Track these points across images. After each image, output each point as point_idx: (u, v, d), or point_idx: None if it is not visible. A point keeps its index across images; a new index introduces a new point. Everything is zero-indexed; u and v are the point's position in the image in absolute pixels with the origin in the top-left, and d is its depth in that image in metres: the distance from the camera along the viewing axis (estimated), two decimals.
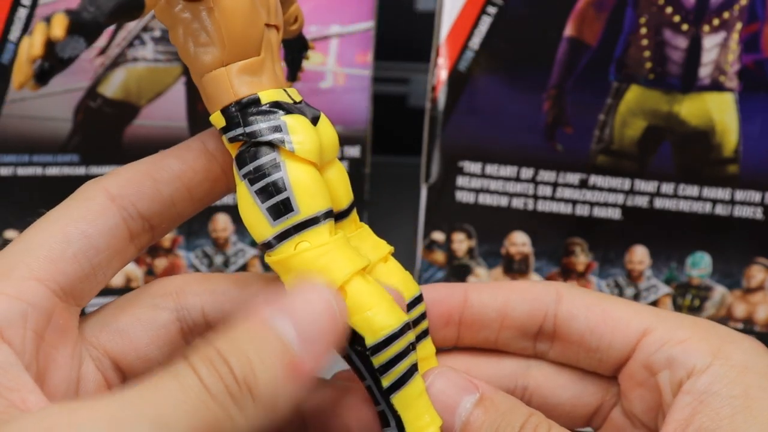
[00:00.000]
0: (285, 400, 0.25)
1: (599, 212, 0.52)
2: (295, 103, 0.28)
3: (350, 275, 0.27)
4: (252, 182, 0.27)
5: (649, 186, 0.51)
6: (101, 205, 0.28)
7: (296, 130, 0.27)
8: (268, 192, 0.27)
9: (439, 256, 0.55)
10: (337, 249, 0.27)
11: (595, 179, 0.51)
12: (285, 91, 0.28)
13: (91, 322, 0.30)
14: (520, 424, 0.28)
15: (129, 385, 0.24)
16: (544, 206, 0.52)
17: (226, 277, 0.31)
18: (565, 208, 0.52)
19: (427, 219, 0.54)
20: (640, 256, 0.53)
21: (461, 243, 0.54)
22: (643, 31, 0.48)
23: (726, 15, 0.48)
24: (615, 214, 0.52)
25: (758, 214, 0.51)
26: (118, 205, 0.29)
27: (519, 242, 0.53)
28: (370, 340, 0.27)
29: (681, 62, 0.49)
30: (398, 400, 0.28)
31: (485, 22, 0.49)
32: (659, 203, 0.51)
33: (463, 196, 0.53)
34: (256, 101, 0.27)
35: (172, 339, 0.30)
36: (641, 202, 0.51)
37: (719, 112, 0.49)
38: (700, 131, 0.50)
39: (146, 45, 0.49)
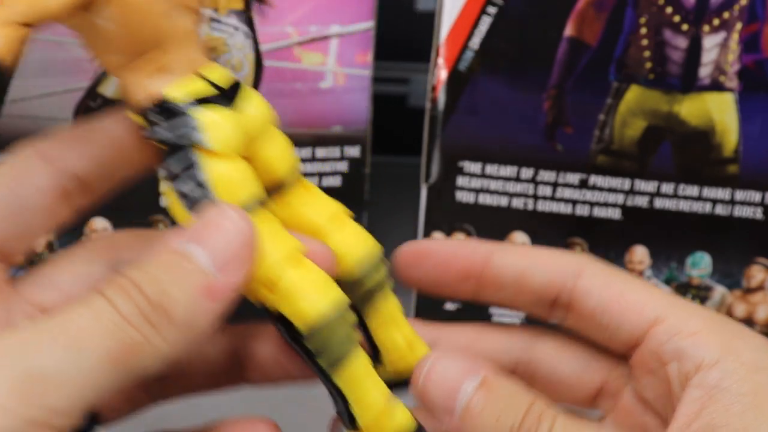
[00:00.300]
0: (203, 321, 0.25)
1: (599, 212, 0.52)
2: (213, 85, 0.27)
3: (280, 263, 0.27)
4: (171, 180, 0.27)
5: (649, 186, 0.51)
6: (31, 164, 0.28)
7: (210, 124, 0.27)
8: (189, 194, 0.27)
9: None
10: (267, 235, 0.27)
11: (595, 179, 0.51)
12: (202, 76, 0.28)
13: (25, 280, 0.29)
14: (523, 412, 0.28)
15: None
16: (544, 206, 0.52)
17: (161, 233, 0.31)
18: (565, 208, 0.52)
19: (427, 219, 0.54)
20: (640, 256, 0.53)
21: None
22: (643, 31, 0.48)
23: (726, 15, 0.48)
24: (615, 214, 0.52)
25: (758, 214, 0.51)
26: (50, 163, 0.28)
27: (519, 242, 0.53)
28: (303, 330, 0.27)
29: (681, 62, 0.49)
30: (341, 379, 0.28)
31: (485, 22, 0.49)
32: (659, 203, 0.51)
33: (463, 196, 0.53)
34: (165, 101, 0.27)
35: None
36: (641, 202, 0.51)
37: (719, 112, 0.49)
38: (700, 131, 0.50)
39: None
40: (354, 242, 0.30)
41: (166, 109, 0.27)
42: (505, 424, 0.28)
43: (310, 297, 0.27)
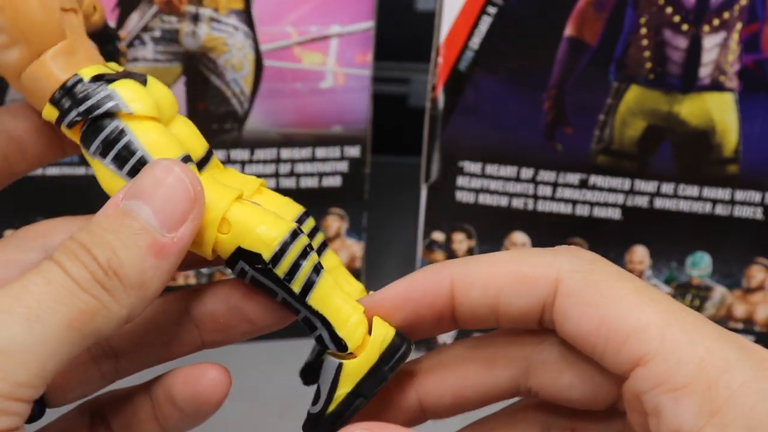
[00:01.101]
0: (154, 280, 0.25)
1: (599, 212, 0.52)
2: (118, 73, 0.29)
3: (228, 204, 0.27)
4: (104, 155, 0.27)
5: (649, 186, 0.51)
6: None
7: (127, 93, 0.28)
8: (122, 158, 0.27)
9: (439, 256, 0.55)
10: (207, 187, 0.27)
11: (595, 179, 0.51)
12: (105, 65, 0.29)
13: None
14: None
15: None
16: (544, 206, 0.52)
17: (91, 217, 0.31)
18: (565, 208, 0.52)
19: (427, 219, 0.54)
20: (640, 256, 0.53)
21: (461, 243, 0.54)
22: (643, 31, 0.48)
23: (726, 15, 0.48)
24: (615, 214, 0.52)
25: (758, 214, 0.51)
26: None
27: (519, 242, 0.53)
28: (266, 254, 0.27)
29: (681, 62, 0.49)
30: (315, 300, 0.28)
31: (485, 22, 0.49)
32: (659, 203, 0.51)
33: (463, 196, 0.53)
34: (79, 80, 0.28)
35: None
36: (641, 202, 0.51)
37: (719, 112, 0.49)
38: (700, 131, 0.50)
39: (146, 45, 0.49)
40: (281, 204, 0.30)
41: (84, 86, 0.28)
42: None
43: (266, 223, 0.27)
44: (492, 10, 0.49)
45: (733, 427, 0.23)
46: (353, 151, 0.54)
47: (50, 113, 0.28)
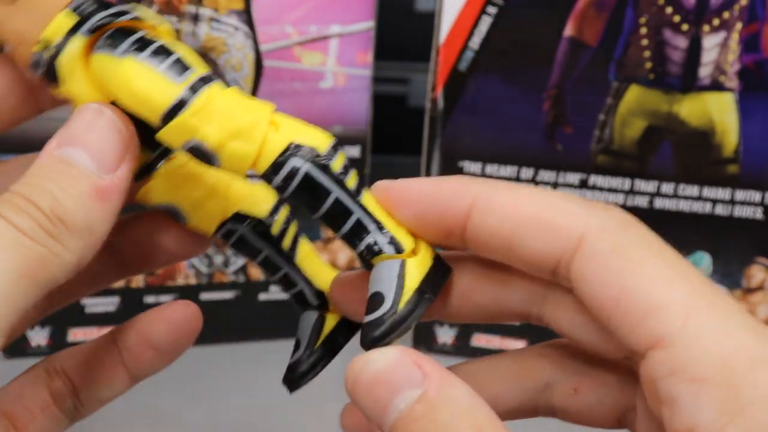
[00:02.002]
0: (100, 223, 0.25)
1: None
2: None
3: (272, 108, 0.27)
4: (140, 50, 0.26)
5: (649, 186, 0.51)
6: None
7: (148, 12, 0.27)
8: (163, 53, 0.26)
9: None
10: (245, 98, 0.27)
11: (595, 179, 0.51)
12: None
13: None
14: None
15: None
16: None
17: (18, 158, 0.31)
18: None
19: None
20: None
21: None
22: (643, 31, 0.48)
23: (726, 15, 0.48)
24: None
25: (758, 214, 0.51)
26: None
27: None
28: (323, 147, 0.26)
29: (681, 62, 0.49)
30: (366, 200, 0.27)
31: (485, 22, 0.49)
32: (659, 203, 0.51)
33: None
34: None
35: None
36: (641, 202, 0.51)
37: (719, 112, 0.49)
38: (700, 131, 0.50)
39: None
40: (256, 188, 0.30)
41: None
42: None
43: (314, 126, 0.27)
44: (492, 10, 0.49)
45: (760, 418, 0.21)
46: (353, 151, 0.54)
47: (63, 23, 0.27)
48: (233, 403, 0.53)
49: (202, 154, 0.26)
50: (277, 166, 0.26)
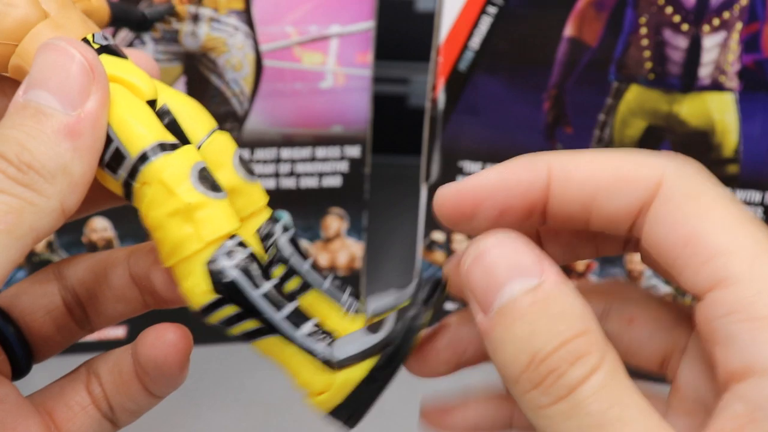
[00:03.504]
0: (76, 162, 0.24)
1: None
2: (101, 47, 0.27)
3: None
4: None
5: None
6: None
7: (132, 70, 0.27)
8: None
9: (439, 256, 0.55)
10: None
11: None
12: (86, 40, 0.27)
13: None
14: (563, 338, 0.23)
15: None
16: None
17: None
18: None
19: (427, 219, 0.54)
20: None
21: (461, 243, 0.54)
22: (643, 31, 0.48)
23: (726, 15, 0.48)
24: None
25: (758, 214, 0.51)
26: None
27: None
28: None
29: (681, 62, 0.49)
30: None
31: (485, 22, 0.49)
32: None
33: None
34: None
35: None
36: None
37: (719, 112, 0.49)
38: (700, 131, 0.50)
39: (146, 45, 0.49)
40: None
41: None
42: (534, 345, 0.23)
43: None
44: (492, 10, 0.49)
45: None
46: (353, 151, 0.54)
47: None
48: (232, 403, 0.53)
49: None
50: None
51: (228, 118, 0.52)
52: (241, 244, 0.26)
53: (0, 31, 0.26)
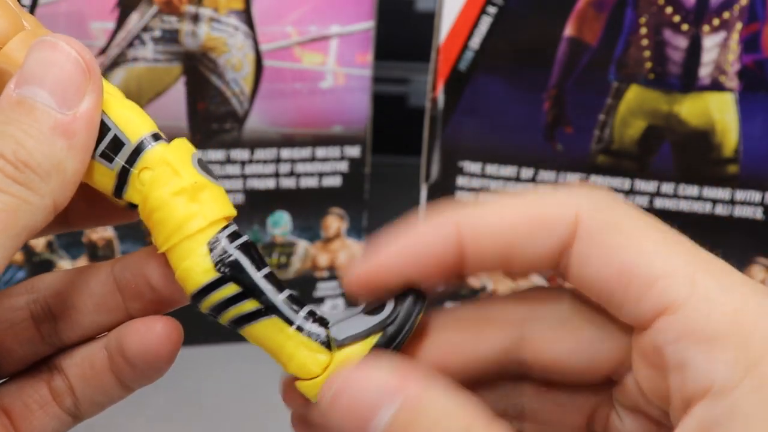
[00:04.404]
0: (69, 161, 0.24)
1: None
2: None
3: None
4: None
5: (649, 186, 0.51)
6: None
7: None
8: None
9: None
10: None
11: (595, 179, 0.51)
12: None
13: None
14: None
15: None
16: None
17: None
18: None
19: None
20: None
21: None
22: (643, 31, 0.48)
23: (726, 15, 0.48)
24: None
25: (758, 214, 0.51)
26: None
27: None
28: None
29: (681, 62, 0.49)
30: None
31: (485, 22, 0.49)
32: (659, 203, 0.51)
33: (463, 196, 0.53)
34: None
35: None
36: (641, 202, 0.51)
37: (719, 112, 0.49)
38: (700, 131, 0.50)
39: (146, 45, 0.49)
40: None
41: None
42: None
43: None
44: (492, 10, 0.49)
45: None
46: (353, 151, 0.54)
47: None
48: (231, 403, 0.53)
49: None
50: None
51: (228, 118, 0.52)
52: (238, 232, 0.26)
53: None
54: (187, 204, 0.26)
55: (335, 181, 0.55)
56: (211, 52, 0.50)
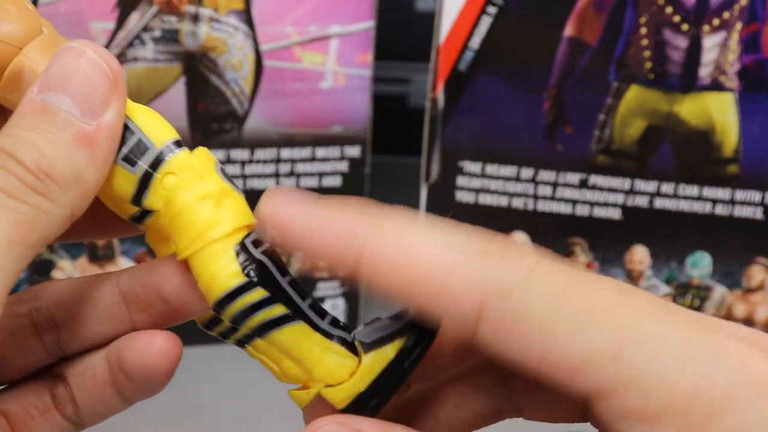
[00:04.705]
0: (90, 172, 0.24)
1: (599, 212, 0.52)
2: None
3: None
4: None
5: (649, 186, 0.51)
6: None
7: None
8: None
9: None
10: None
11: (595, 179, 0.51)
12: None
13: None
14: None
15: None
16: (544, 206, 0.52)
17: None
18: (565, 208, 0.52)
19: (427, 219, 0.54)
20: (640, 255, 0.53)
21: None
22: (643, 31, 0.48)
23: (726, 15, 0.48)
24: (615, 214, 0.52)
25: (758, 214, 0.51)
26: None
27: (519, 242, 0.53)
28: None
29: (681, 62, 0.49)
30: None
31: (485, 22, 0.49)
32: (659, 203, 0.51)
33: (463, 196, 0.53)
34: None
35: None
36: (641, 202, 0.51)
37: (719, 112, 0.49)
38: (700, 131, 0.50)
39: (146, 45, 0.49)
40: None
41: None
42: None
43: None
44: (492, 10, 0.49)
45: None
46: (353, 151, 0.54)
47: None
48: (231, 403, 0.53)
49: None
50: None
51: (228, 118, 0.52)
52: (260, 240, 0.26)
53: (9, 33, 0.26)
54: (213, 209, 0.26)
55: (335, 181, 0.55)
56: (211, 52, 0.50)
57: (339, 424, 0.24)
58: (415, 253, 0.23)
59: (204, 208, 0.26)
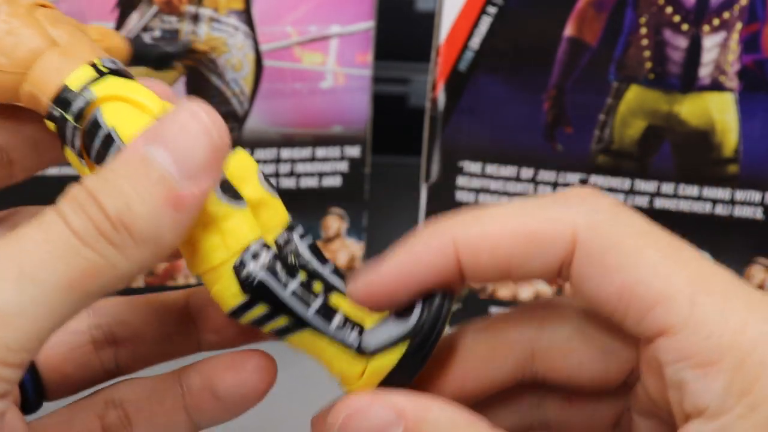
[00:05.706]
0: (169, 234, 0.23)
1: None
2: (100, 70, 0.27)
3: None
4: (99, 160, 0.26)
5: (649, 186, 0.51)
6: None
7: (95, 85, 0.26)
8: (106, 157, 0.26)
9: None
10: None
11: (595, 179, 0.51)
12: (94, 64, 0.27)
13: None
14: None
15: None
16: None
17: None
18: None
19: (427, 219, 0.54)
20: None
21: None
22: (643, 31, 0.48)
23: (726, 15, 0.48)
24: None
25: (758, 214, 0.51)
26: None
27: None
28: None
29: (681, 62, 0.49)
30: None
31: (485, 22, 0.49)
32: (659, 203, 0.51)
33: (463, 196, 0.53)
34: (66, 87, 0.26)
35: None
36: (641, 202, 0.51)
37: (719, 112, 0.49)
38: (700, 131, 0.50)
39: None
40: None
41: (65, 98, 0.26)
42: None
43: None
44: (492, 10, 0.49)
45: (764, 407, 0.22)
46: (353, 151, 0.54)
47: (49, 123, 0.27)
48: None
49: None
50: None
51: (228, 118, 0.52)
52: (265, 246, 0.26)
53: (10, 61, 0.26)
54: (209, 236, 0.26)
55: (335, 181, 0.55)
56: (211, 51, 0.50)
57: (372, 398, 0.25)
58: (503, 218, 0.25)
59: (201, 235, 0.25)
